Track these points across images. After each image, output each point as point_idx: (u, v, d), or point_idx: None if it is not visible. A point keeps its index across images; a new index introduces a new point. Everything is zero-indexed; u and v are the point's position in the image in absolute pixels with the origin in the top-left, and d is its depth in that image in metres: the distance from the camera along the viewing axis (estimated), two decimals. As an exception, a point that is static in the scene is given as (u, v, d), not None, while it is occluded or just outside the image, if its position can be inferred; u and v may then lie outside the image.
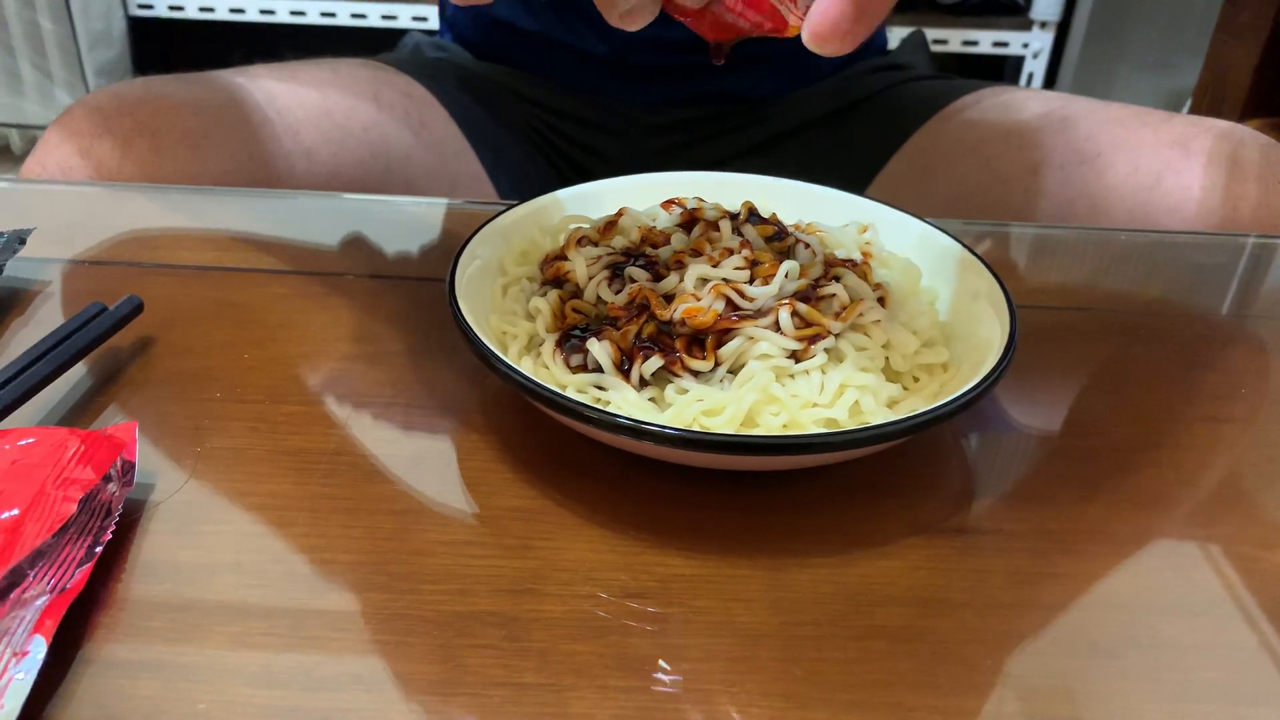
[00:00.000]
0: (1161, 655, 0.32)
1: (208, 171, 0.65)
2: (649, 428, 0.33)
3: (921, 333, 0.41)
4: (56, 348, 0.41)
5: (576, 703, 0.29)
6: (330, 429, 0.40)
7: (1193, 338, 0.50)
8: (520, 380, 0.35)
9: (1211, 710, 0.30)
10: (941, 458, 0.40)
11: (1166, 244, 0.61)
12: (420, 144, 0.77)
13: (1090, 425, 0.43)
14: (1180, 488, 0.39)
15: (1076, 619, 0.33)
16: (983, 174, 0.74)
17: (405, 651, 0.31)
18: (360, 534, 0.35)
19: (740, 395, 0.36)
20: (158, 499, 0.37)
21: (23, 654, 0.28)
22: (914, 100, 0.81)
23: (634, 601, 0.33)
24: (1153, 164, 0.66)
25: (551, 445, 0.40)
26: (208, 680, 0.30)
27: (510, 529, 0.36)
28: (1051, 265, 0.58)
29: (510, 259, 0.46)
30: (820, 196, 0.51)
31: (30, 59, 2.02)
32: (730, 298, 0.39)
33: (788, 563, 0.35)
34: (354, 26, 1.99)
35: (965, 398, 0.35)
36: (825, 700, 0.30)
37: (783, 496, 0.38)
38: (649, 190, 0.51)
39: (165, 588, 0.33)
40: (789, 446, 0.34)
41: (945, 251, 0.46)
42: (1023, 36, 1.92)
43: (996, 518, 0.37)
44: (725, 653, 0.31)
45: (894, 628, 0.32)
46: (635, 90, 0.82)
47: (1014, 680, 0.31)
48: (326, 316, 0.48)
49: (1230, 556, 0.36)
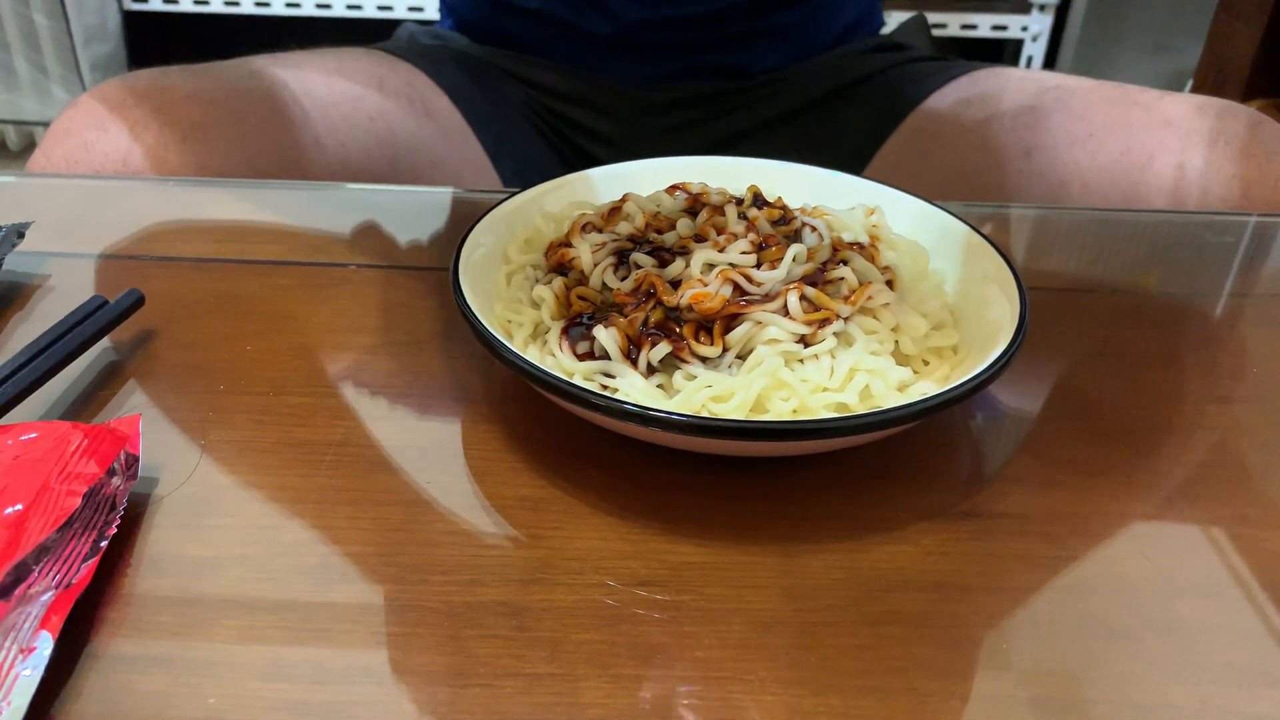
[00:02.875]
0: (1178, 637, 0.32)
1: (215, 163, 0.64)
2: (657, 414, 0.33)
3: (931, 315, 0.40)
4: (57, 342, 0.41)
5: (589, 692, 0.29)
6: (335, 420, 0.40)
7: (1201, 317, 0.50)
8: (527, 368, 0.35)
9: (1230, 692, 0.30)
10: (952, 441, 0.40)
11: (1172, 223, 0.60)
12: (425, 132, 0.77)
13: (1101, 407, 0.42)
14: (1193, 468, 0.39)
15: (1091, 602, 0.33)
16: (976, 156, 0.74)
17: (415, 643, 0.31)
18: (368, 525, 0.35)
19: (749, 381, 0.36)
20: (162, 493, 0.36)
21: (29, 650, 0.28)
22: (909, 82, 0.80)
23: (645, 590, 0.33)
24: (1145, 144, 0.66)
25: (559, 434, 0.39)
26: (216, 674, 0.30)
27: (519, 518, 0.36)
28: (1056, 246, 0.57)
29: (514, 247, 0.45)
30: (826, 179, 0.50)
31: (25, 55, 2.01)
32: (737, 282, 0.38)
33: (799, 549, 0.34)
34: (349, 18, 1.98)
35: (976, 381, 0.35)
36: (839, 686, 0.30)
37: (793, 482, 0.37)
38: (652, 175, 0.50)
39: (172, 582, 0.33)
40: (799, 431, 0.33)
41: (953, 234, 0.45)
42: (1022, 20, 1.91)
43: (1009, 501, 0.37)
44: (738, 640, 0.31)
45: (908, 613, 0.32)
46: (636, 66, 0.82)
47: (1030, 664, 0.31)
48: (329, 307, 0.48)
49: (1245, 537, 0.35)
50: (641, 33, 0.80)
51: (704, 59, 0.82)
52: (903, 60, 0.83)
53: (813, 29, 0.85)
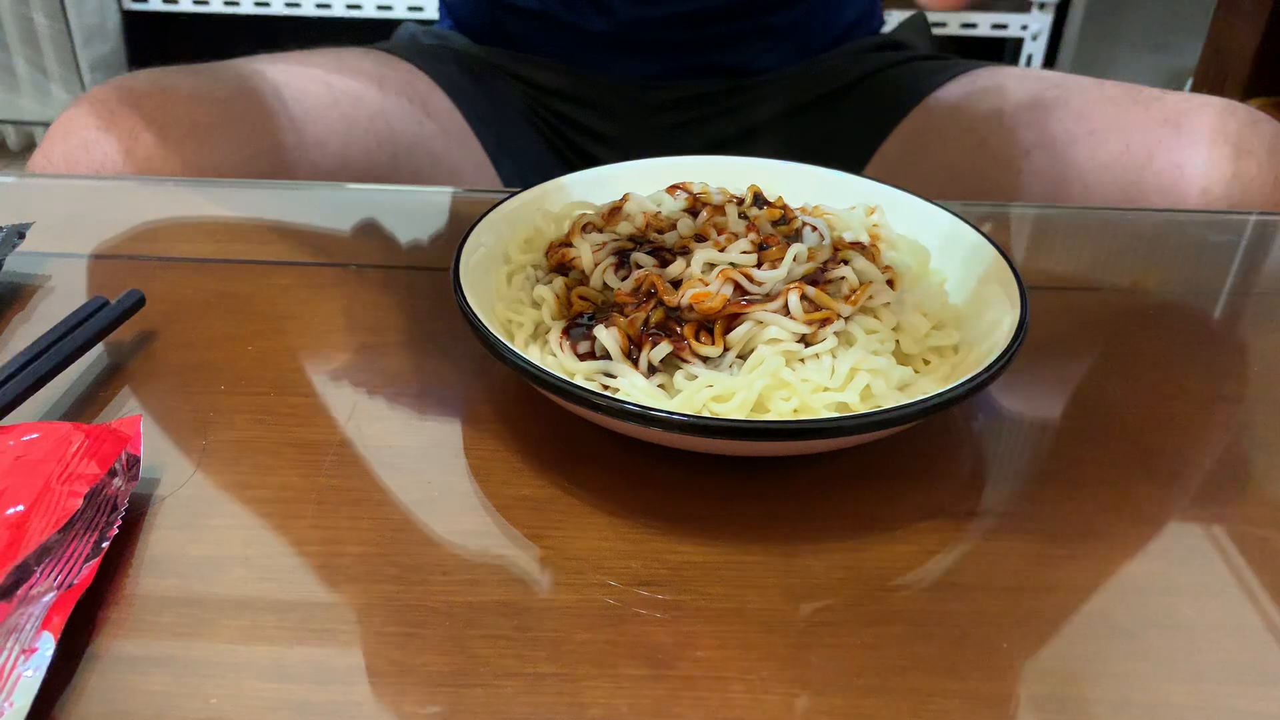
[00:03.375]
0: (1180, 636, 0.31)
1: (216, 164, 0.64)
2: (658, 414, 0.33)
3: (932, 315, 0.40)
4: (58, 343, 0.41)
5: (590, 692, 0.29)
6: (336, 420, 0.40)
7: (1203, 316, 0.50)
8: (528, 369, 0.35)
9: (1232, 690, 0.30)
10: (953, 440, 0.40)
11: (1173, 222, 0.60)
12: (425, 132, 0.77)
13: (1103, 405, 0.42)
14: (1196, 467, 0.39)
15: (1094, 600, 0.33)
16: (976, 155, 0.74)
17: (416, 643, 0.31)
18: (369, 525, 0.35)
19: (750, 380, 0.36)
20: (164, 493, 0.36)
21: (31, 651, 0.28)
22: (908, 81, 0.80)
23: (646, 590, 0.33)
24: (1144, 143, 0.66)
25: (559, 434, 0.39)
26: (218, 675, 0.30)
27: (520, 518, 0.36)
28: (1057, 245, 0.57)
29: (514, 246, 0.45)
30: (826, 179, 0.50)
31: (25, 55, 2.01)
32: (738, 282, 0.38)
33: (801, 548, 0.34)
34: (349, 18, 1.98)
35: (977, 380, 0.35)
36: (842, 686, 0.30)
37: (794, 482, 0.37)
38: (652, 175, 0.50)
39: (173, 582, 0.33)
40: (800, 431, 0.33)
41: (954, 233, 0.45)
42: (1021, 18, 1.91)
43: (1010, 500, 0.37)
44: (739, 640, 0.31)
45: (910, 612, 0.32)
46: (635, 65, 0.82)
47: (1032, 663, 0.30)
48: (330, 307, 0.48)
49: (1248, 536, 0.35)
50: (640, 31, 0.80)
51: (703, 58, 0.82)
52: (903, 59, 0.83)
53: (813, 28, 0.85)
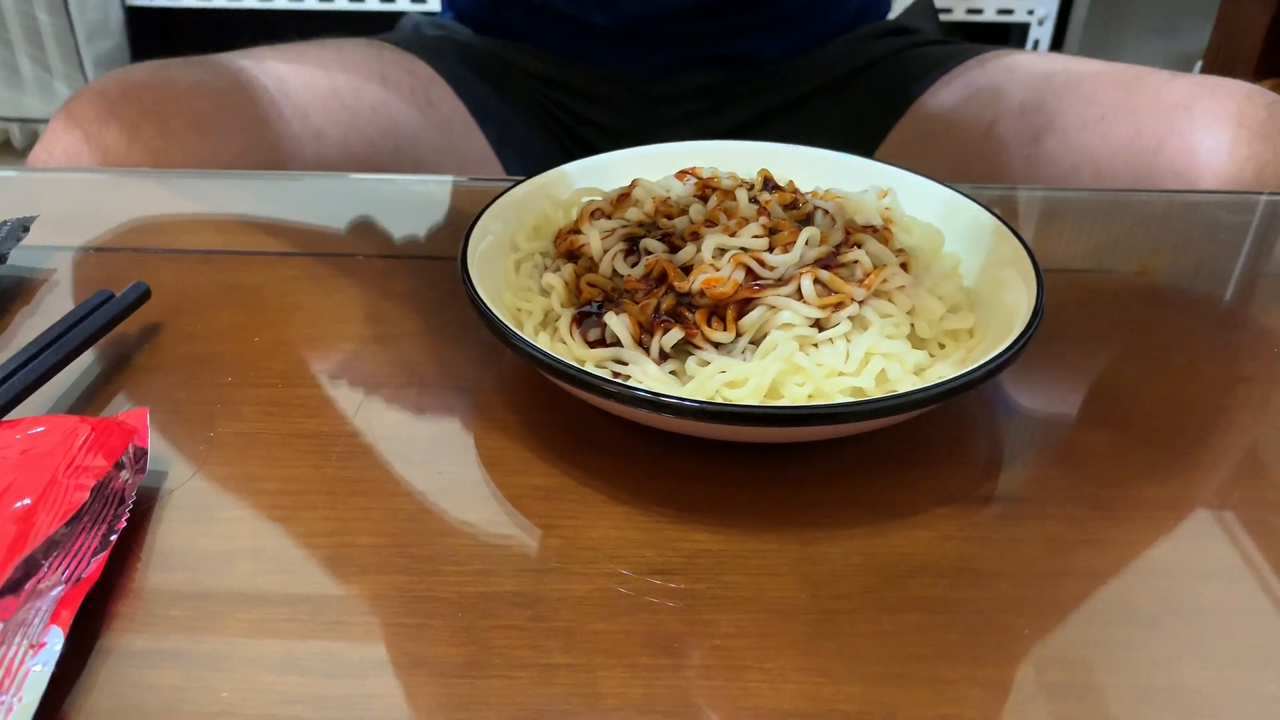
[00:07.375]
0: (1203, 621, 0.31)
1: (217, 156, 0.64)
2: (670, 401, 0.33)
3: (947, 298, 0.40)
4: (64, 336, 0.41)
5: (606, 682, 0.29)
6: (345, 411, 0.40)
7: (1219, 297, 0.49)
8: (538, 356, 0.35)
9: (1257, 676, 0.29)
10: (969, 425, 0.39)
11: (1188, 204, 0.59)
12: (428, 122, 0.76)
13: (1120, 388, 0.42)
14: (1214, 450, 0.38)
15: (1114, 586, 0.32)
16: (985, 140, 0.73)
17: (429, 634, 0.30)
18: (379, 516, 0.35)
19: (764, 366, 0.36)
20: (171, 486, 0.36)
21: (40, 645, 0.27)
22: (918, 66, 0.80)
23: (660, 578, 0.32)
24: (1156, 126, 0.65)
25: (571, 422, 0.39)
26: (229, 668, 0.29)
27: (531, 508, 0.35)
28: (1072, 228, 0.57)
29: (522, 234, 0.45)
30: (837, 163, 0.50)
31: (28, 53, 2.01)
32: (750, 267, 0.38)
33: (816, 535, 0.34)
34: (352, 10, 1.98)
35: (994, 363, 0.34)
36: (860, 674, 0.29)
37: (809, 468, 0.37)
38: (661, 161, 0.50)
39: (183, 575, 0.32)
40: (815, 417, 0.33)
41: (967, 216, 0.45)
42: (1027, 3, 1.89)
43: (1028, 485, 0.36)
44: (756, 628, 0.31)
45: (928, 599, 0.32)
46: (638, 59, 0.81)
47: (1053, 649, 0.30)
48: (337, 298, 0.48)
49: (1268, 520, 0.35)
50: (642, 25, 0.79)
51: (707, 49, 0.82)
52: (910, 45, 0.83)
53: (819, 17, 0.84)
